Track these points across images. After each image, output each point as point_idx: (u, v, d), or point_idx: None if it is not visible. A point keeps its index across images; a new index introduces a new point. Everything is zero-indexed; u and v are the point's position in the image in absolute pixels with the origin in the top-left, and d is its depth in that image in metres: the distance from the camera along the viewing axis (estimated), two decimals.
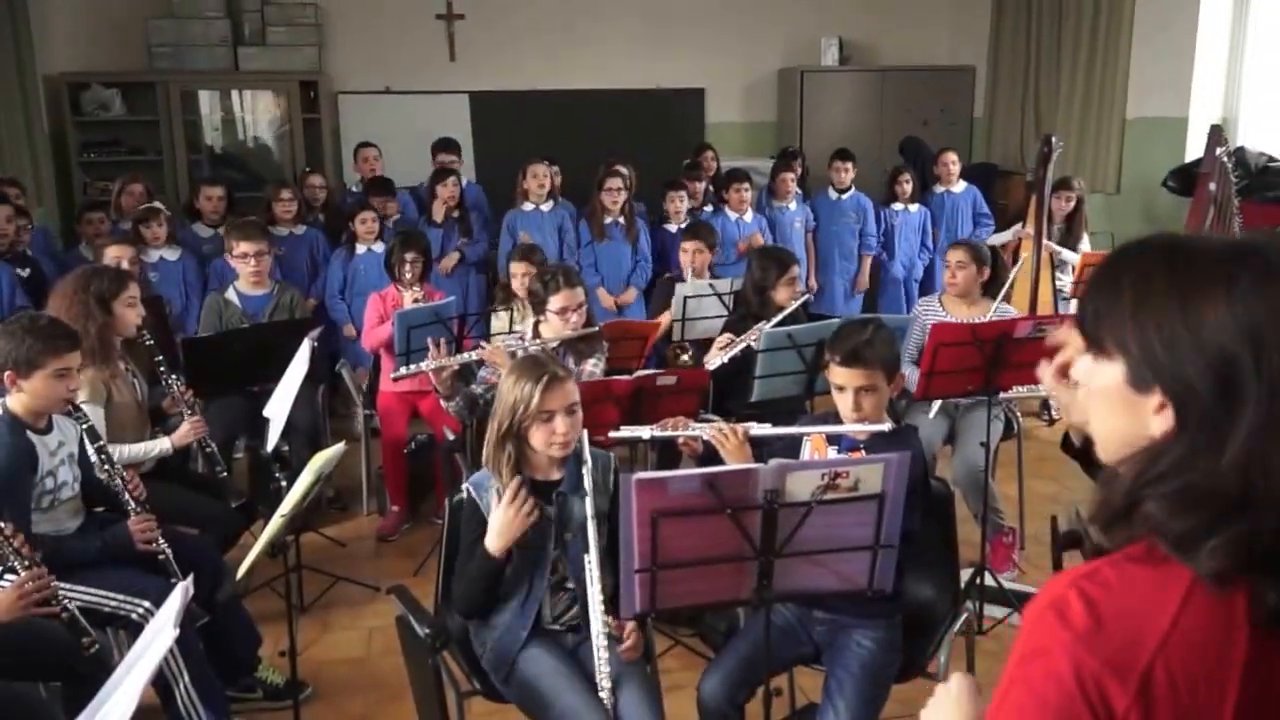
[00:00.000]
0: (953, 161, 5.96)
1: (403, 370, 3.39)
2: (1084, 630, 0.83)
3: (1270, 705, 0.85)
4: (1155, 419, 0.87)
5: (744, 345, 3.46)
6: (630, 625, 2.15)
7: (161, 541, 2.59)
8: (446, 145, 5.90)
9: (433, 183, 5.31)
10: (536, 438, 2.17)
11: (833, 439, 2.39)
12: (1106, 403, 0.92)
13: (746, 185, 5.48)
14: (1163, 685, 0.82)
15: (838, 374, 2.34)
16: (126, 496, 2.61)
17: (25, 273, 4.44)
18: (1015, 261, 5.08)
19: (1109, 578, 0.85)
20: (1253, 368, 0.82)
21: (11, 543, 2.19)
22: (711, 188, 5.86)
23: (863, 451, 2.30)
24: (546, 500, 2.23)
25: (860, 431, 2.32)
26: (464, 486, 2.27)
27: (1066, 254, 5.21)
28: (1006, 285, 4.07)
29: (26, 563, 2.19)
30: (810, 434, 2.40)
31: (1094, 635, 0.83)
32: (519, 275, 3.99)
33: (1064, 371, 0.99)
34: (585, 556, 2.12)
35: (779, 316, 3.56)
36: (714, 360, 3.43)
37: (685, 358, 3.81)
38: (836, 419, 2.38)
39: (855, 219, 5.82)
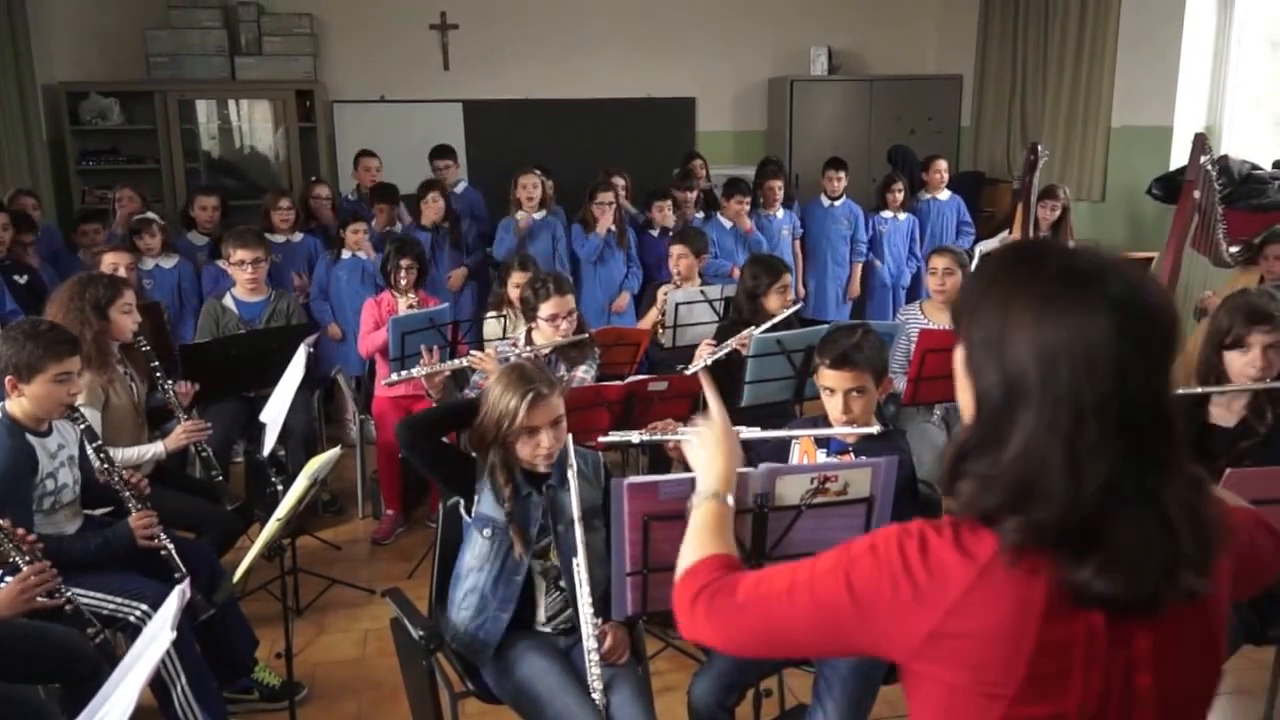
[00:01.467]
0: (943, 169, 6.03)
1: (395, 376, 3.43)
2: (911, 560, 1.01)
3: (1067, 653, 0.97)
4: (968, 399, 1.04)
5: (729, 349, 3.51)
6: (608, 629, 2.18)
7: (163, 537, 2.62)
8: (441, 152, 5.95)
9: (418, 196, 5.33)
10: (522, 450, 2.22)
11: (822, 442, 2.42)
12: (956, 377, 1.08)
13: (748, 198, 5.51)
14: (961, 625, 0.98)
15: (827, 377, 2.38)
16: (126, 495, 2.64)
17: (23, 279, 4.48)
18: None
19: (945, 532, 1.01)
20: (1039, 384, 0.95)
21: (11, 539, 2.22)
22: (703, 196, 5.92)
23: (851, 454, 2.34)
24: (536, 490, 2.27)
25: (849, 434, 2.36)
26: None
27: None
28: None
29: (28, 558, 2.22)
30: (799, 437, 2.44)
31: (915, 568, 1.00)
32: (518, 284, 4.03)
33: None
34: (574, 559, 2.16)
35: (769, 323, 3.61)
36: (697, 364, 3.48)
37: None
38: (826, 423, 2.42)
39: (848, 226, 5.88)
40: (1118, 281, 0.96)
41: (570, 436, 2.24)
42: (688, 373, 3.36)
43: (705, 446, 1.37)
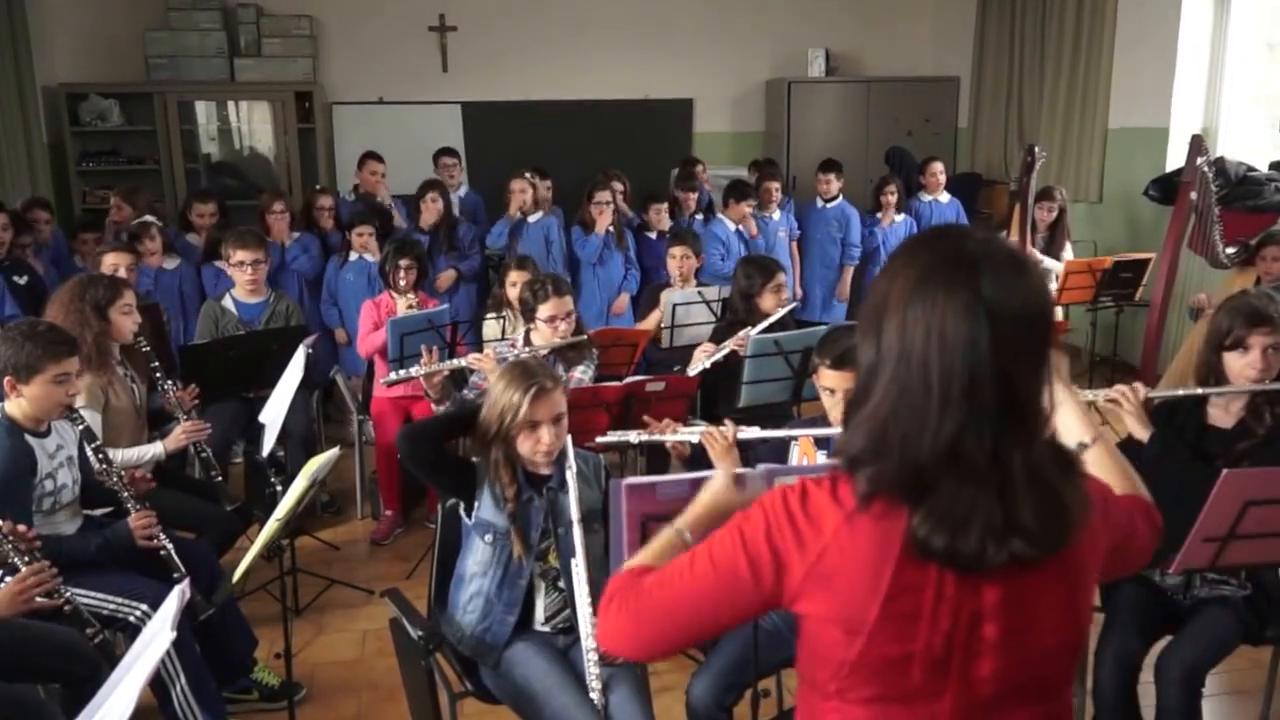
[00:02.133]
0: (940, 172, 6.04)
1: (393, 375, 3.43)
2: (793, 508, 1.13)
3: (919, 596, 1.07)
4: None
5: (727, 351, 3.52)
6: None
7: (162, 537, 2.62)
8: (448, 151, 5.99)
9: (417, 196, 5.36)
10: (523, 445, 2.22)
11: (821, 443, 2.43)
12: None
13: (753, 201, 5.52)
14: (831, 563, 1.10)
15: (827, 377, 2.38)
16: (126, 495, 2.64)
17: (23, 280, 4.48)
18: None
19: (825, 484, 1.13)
20: (898, 354, 1.06)
21: (10, 539, 2.22)
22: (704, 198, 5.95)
23: None
24: (538, 493, 2.28)
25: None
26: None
27: (1049, 262, 5.28)
28: None
29: (27, 558, 2.22)
30: (798, 436, 2.44)
31: (796, 515, 1.12)
32: (517, 284, 4.04)
33: None
34: (573, 560, 2.16)
35: (765, 323, 3.62)
36: (696, 366, 3.49)
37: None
38: (825, 423, 2.42)
39: (837, 228, 5.89)
40: (992, 276, 1.04)
41: (570, 438, 2.24)
42: (688, 374, 3.37)
43: (706, 489, 1.40)
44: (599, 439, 2.51)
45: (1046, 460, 1.08)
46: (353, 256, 4.98)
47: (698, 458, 2.45)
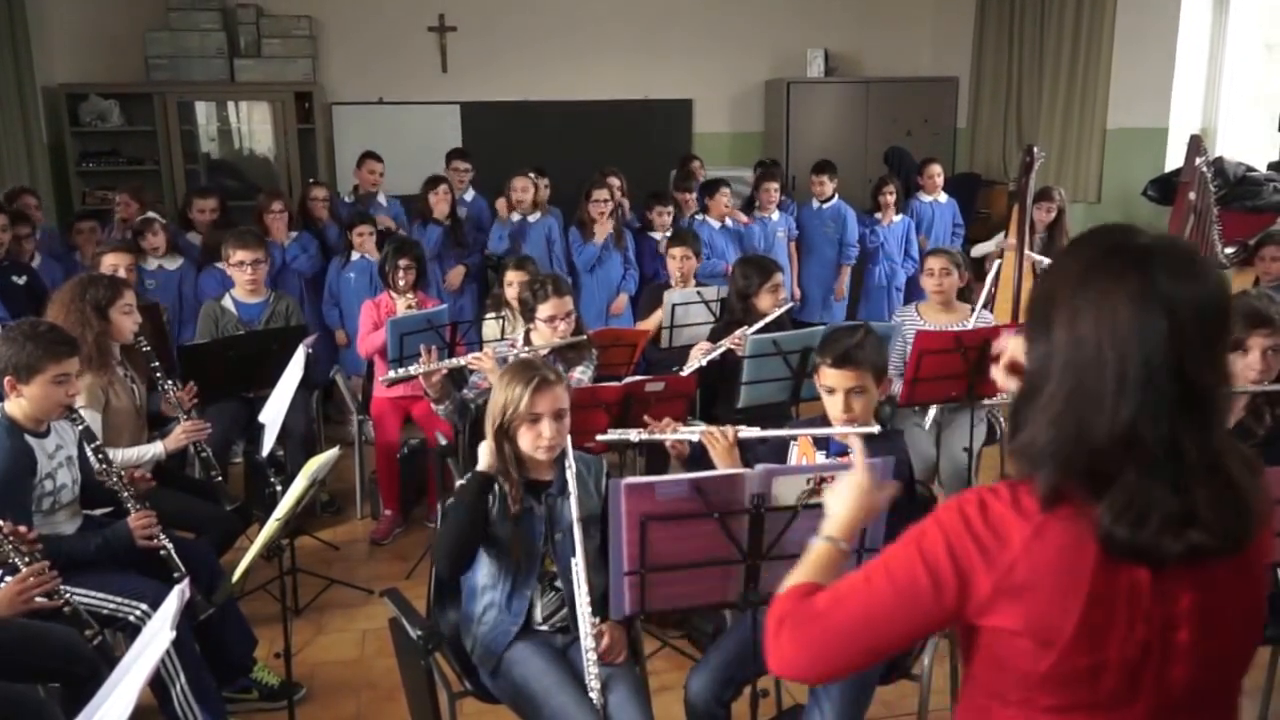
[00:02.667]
0: (937, 174, 6.05)
1: (392, 374, 3.44)
2: (973, 521, 1.10)
3: (1112, 606, 1.06)
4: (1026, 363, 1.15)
5: (723, 350, 3.52)
6: (605, 628, 2.19)
7: (162, 537, 2.63)
8: (460, 154, 6.00)
9: (425, 190, 5.38)
10: (523, 439, 2.22)
11: (821, 443, 2.43)
12: (1025, 344, 1.17)
13: (723, 192, 5.55)
14: (1022, 577, 1.07)
15: (828, 376, 2.38)
16: (125, 495, 2.65)
17: (22, 280, 4.48)
18: (997, 270, 5.16)
19: (1003, 494, 1.11)
20: (1071, 342, 1.07)
21: (10, 540, 2.23)
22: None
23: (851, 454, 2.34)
24: (537, 500, 2.28)
25: (849, 434, 2.36)
26: (458, 483, 2.31)
27: (1048, 263, 5.29)
28: (984, 293, 4.13)
29: (27, 559, 2.23)
30: (798, 436, 2.45)
31: (977, 528, 1.10)
32: (514, 283, 4.05)
33: (1013, 367, 1.20)
34: (572, 559, 2.16)
35: (761, 323, 3.62)
36: (691, 365, 3.49)
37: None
38: (825, 423, 2.42)
39: (834, 228, 5.90)
40: (1165, 267, 1.04)
41: (570, 440, 2.24)
42: (683, 374, 3.37)
43: (846, 492, 1.37)
44: (599, 437, 2.51)
45: (1227, 454, 1.07)
46: (354, 256, 4.98)
47: (697, 458, 2.46)
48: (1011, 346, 1.19)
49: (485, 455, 2.24)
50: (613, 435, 2.49)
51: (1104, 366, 1.04)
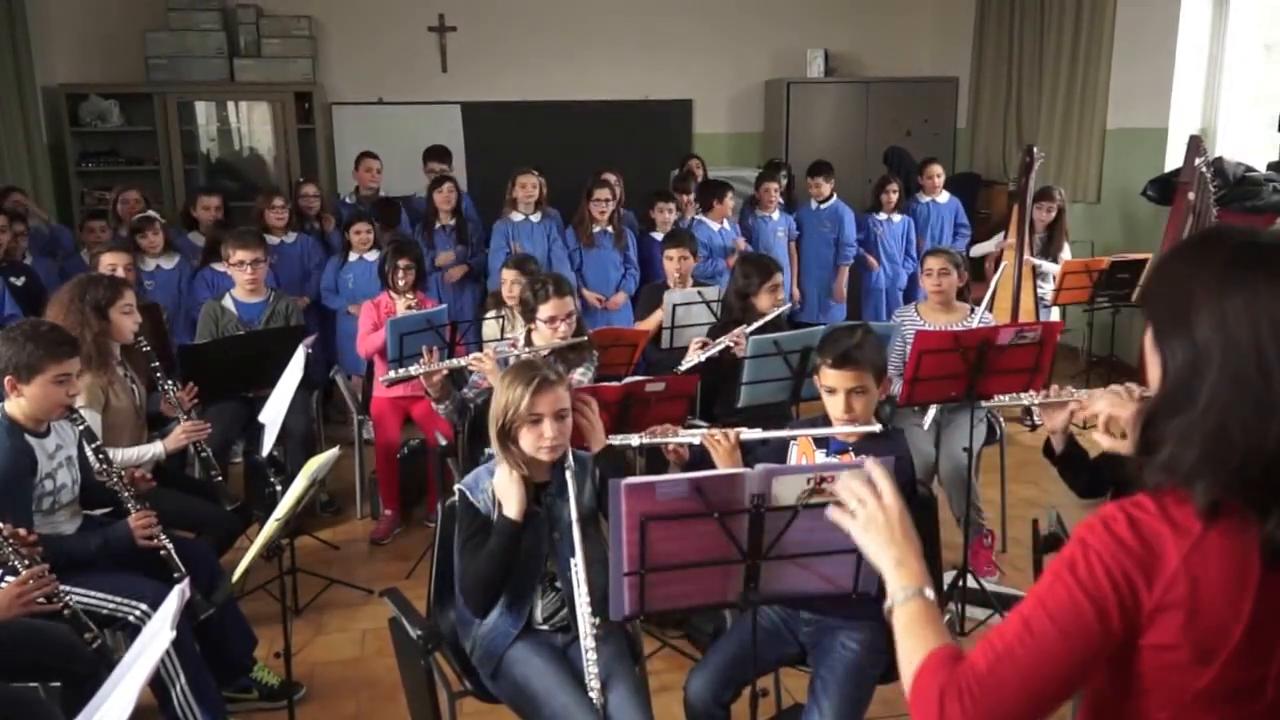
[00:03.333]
0: (938, 174, 6.05)
1: (391, 375, 3.44)
2: (1125, 539, 1.04)
3: (1275, 623, 1.01)
4: (1157, 371, 1.10)
5: (720, 348, 3.52)
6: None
7: (162, 537, 2.63)
8: (437, 154, 5.97)
9: (431, 190, 5.37)
10: (525, 440, 2.21)
11: (821, 442, 2.43)
12: (1148, 355, 1.14)
13: (729, 195, 5.56)
14: (1183, 593, 1.01)
15: (829, 376, 2.38)
16: (125, 495, 2.65)
17: (20, 281, 4.48)
18: (997, 270, 5.17)
19: (1148, 504, 1.05)
20: (1223, 346, 1.02)
21: (10, 541, 2.23)
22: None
23: (851, 454, 2.35)
24: (536, 502, 2.28)
25: (850, 433, 2.37)
26: (456, 488, 2.31)
27: (1047, 265, 5.30)
28: (989, 293, 4.14)
29: (27, 561, 2.23)
30: (799, 437, 2.45)
31: (1130, 545, 1.03)
32: (509, 282, 4.06)
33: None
34: (571, 559, 2.16)
35: (759, 322, 3.62)
36: (688, 363, 3.49)
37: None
38: (826, 423, 2.42)
39: (831, 228, 5.91)
40: None
41: (570, 446, 2.24)
42: (679, 371, 3.37)
43: (881, 535, 1.21)
44: None
45: None
46: (352, 257, 4.98)
47: (697, 462, 2.46)
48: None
49: (514, 502, 2.17)
50: (615, 440, 2.49)
51: (1268, 368, 0.99)
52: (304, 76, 6.92)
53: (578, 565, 2.15)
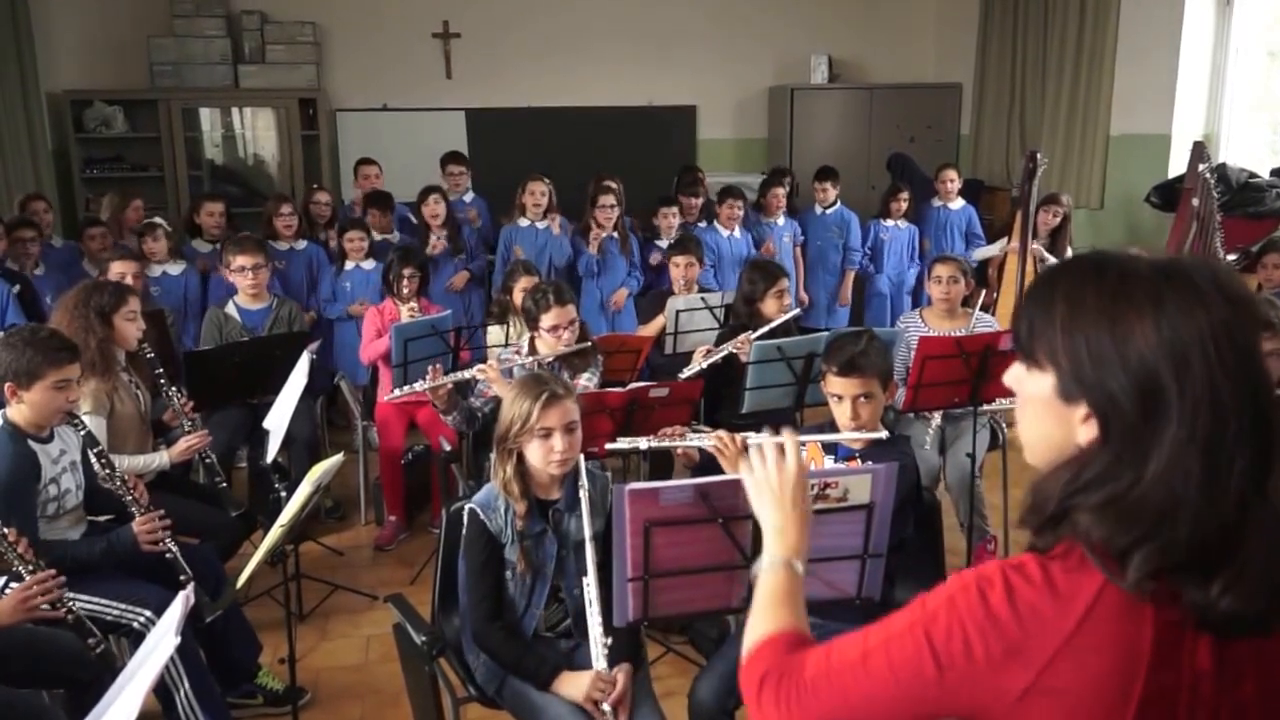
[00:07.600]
0: (952, 179, 6.04)
1: (397, 391, 3.44)
2: (999, 613, 0.91)
3: (1173, 701, 0.91)
4: (1082, 429, 0.93)
5: (725, 353, 3.52)
6: (620, 675, 2.13)
7: (168, 540, 2.63)
8: (455, 158, 5.96)
9: (419, 203, 5.30)
10: (535, 454, 2.20)
11: (829, 448, 2.43)
12: (1035, 411, 0.99)
13: (740, 202, 5.57)
14: (1066, 676, 0.89)
15: (835, 383, 2.38)
16: (129, 500, 2.65)
17: (15, 289, 4.47)
18: (1000, 275, 5.17)
19: (1032, 573, 0.92)
20: (1176, 387, 0.87)
21: (15, 548, 2.23)
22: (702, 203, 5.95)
23: (858, 460, 2.35)
24: (545, 519, 2.27)
25: (857, 439, 2.37)
26: (468, 506, 2.28)
27: (1052, 260, 5.30)
28: (984, 296, 4.13)
29: (31, 567, 2.22)
30: (807, 443, 2.44)
31: (1004, 620, 0.91)
32: (519, 290, 4.05)
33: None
34: (584, 579, 2.14)
35: (765, 328, 3.62)
36: (693, 367, 3.49)
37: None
38: (833, 428, 2.42)
39: (838, 234, 5.91)
40: (1208, 272, 0.91)
41: (582, 457, 2.22)
42: (683, 376, 3.37)
43: (769, 497, 1.20)
44: (607, 445, 2.50)
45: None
46: (348, 265, 4.96)
47: (706, 466, 2.45)
48: None
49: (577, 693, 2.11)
50: (622, 444, 2.49)
51: (1223, 410, 0.86)
52: (308, 83, 6.95)
53: (590, 585, 2.12)
